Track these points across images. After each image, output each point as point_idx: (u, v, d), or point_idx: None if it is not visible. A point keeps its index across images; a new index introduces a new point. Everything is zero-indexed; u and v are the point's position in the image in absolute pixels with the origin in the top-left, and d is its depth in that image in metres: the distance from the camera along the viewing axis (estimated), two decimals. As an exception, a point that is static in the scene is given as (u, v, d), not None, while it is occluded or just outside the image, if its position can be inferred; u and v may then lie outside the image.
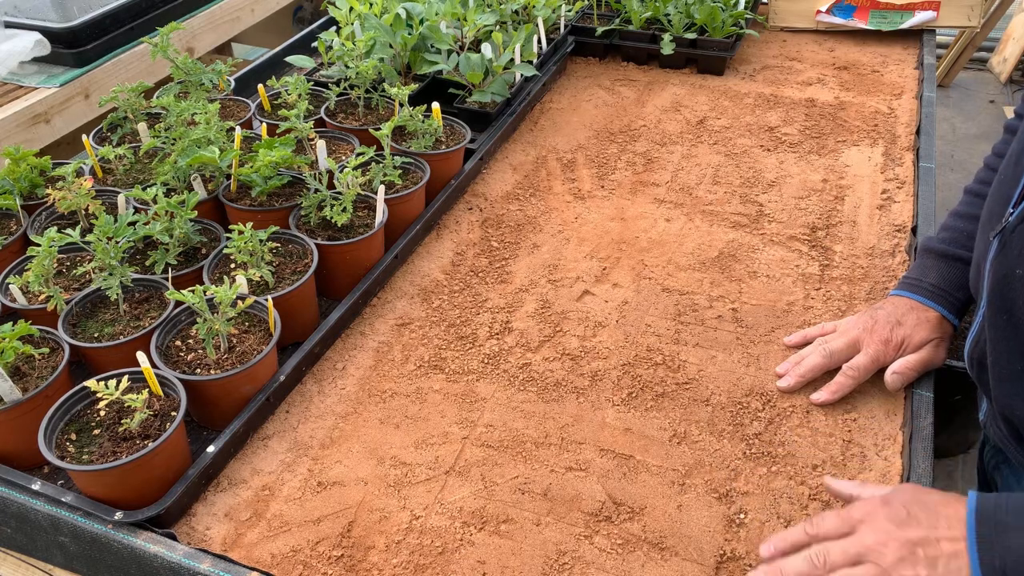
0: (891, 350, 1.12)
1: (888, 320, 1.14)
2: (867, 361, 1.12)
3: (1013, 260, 0.91)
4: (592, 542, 0.95)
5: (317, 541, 0.95)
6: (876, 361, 1.12)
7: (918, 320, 1.13)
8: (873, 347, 1.12)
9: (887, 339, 1.12)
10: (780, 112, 1.80)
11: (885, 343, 1.12)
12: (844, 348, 1.14)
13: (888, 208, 1.48)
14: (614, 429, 1.09)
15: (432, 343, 1.23)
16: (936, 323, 1.13)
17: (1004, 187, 0.98)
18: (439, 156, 1.46)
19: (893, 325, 1.13)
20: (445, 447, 1.07)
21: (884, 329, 1.13)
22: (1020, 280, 0.90)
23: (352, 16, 1.67)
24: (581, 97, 1.89)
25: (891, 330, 1.13)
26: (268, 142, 1.32)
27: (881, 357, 1.12)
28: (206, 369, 1.05)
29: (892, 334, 1.13)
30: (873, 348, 1.12)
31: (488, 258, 1.40)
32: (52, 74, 1.98)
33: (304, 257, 1.23)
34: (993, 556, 0.79)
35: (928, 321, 1.13)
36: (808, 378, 1.14)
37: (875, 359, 1.12)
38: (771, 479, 1.02)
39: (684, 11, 1.95)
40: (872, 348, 1.12)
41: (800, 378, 1.14)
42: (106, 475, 0.92)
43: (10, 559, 1.04)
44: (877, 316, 1.15)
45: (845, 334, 1.15)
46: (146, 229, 1.19)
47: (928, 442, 1.02)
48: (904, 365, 1.11)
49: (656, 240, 1.43)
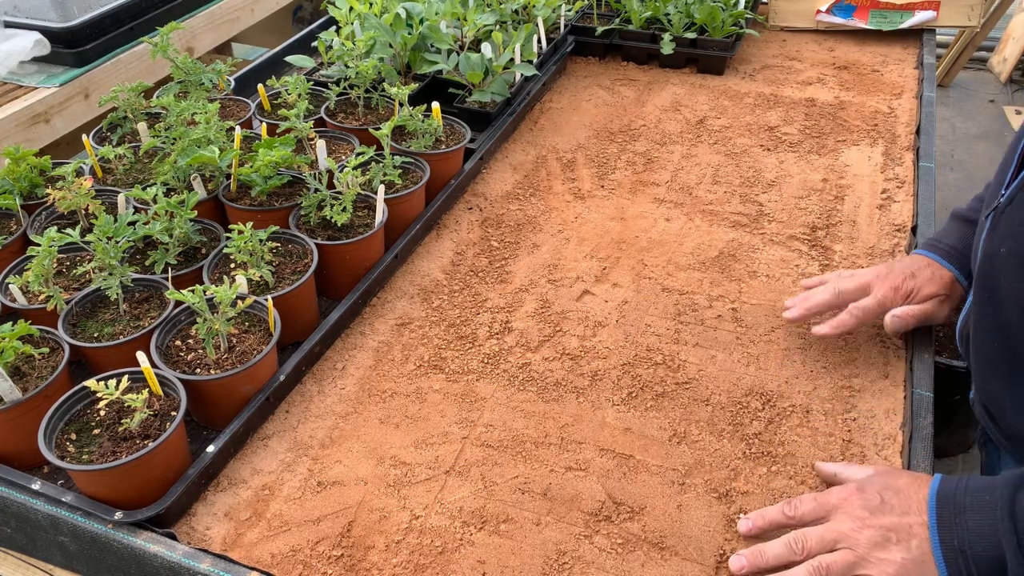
0: (899, 297, 1.15)
1: (903, 271, 1.17)
2: (873, 304, 1.15)
3: (999, 240, 0.95)
4: (592, 542, 0.95)
5: (317, 541, 0.95)
6: (882, 305, 1.15)
7: (931, 276, 1.16)
8: (882, 292, 1.16)
9: (897, 287, 1.16)
10: (780, 112, 1.80)
11: (894, 290, 1.16)
12: (854, 289, 1.17)
13: (888, 208, 1.48)
14: (614, 429, 1.09)
15: (432, 343, 1.23)
16: (947, 282, 1.16)
17: (1002, 171, 1.02)
18: (439, 156, 1.46)
19: (906, 276, 1.17)
20: (445, 447, 1.07)
21: (897, 278, 1.17)
22: (1003, 259, 0.94)
23: (352, 16, 1.67)
24: (581, 97, 1.89)
25: (903, 280, 1.16)
26: (268, 142, 1.32)
27: (887, 302, 1.15)
28: (206, 369, 1.05)
29: (903, 283, 1.16)
30: (882, 293, 1.16)
31: (488, 258, 1.40)
32: (52, 74, 1.98)
33: (304, 257, 1.23)
34: (952, 536, 0.83)
35: (940, 279, 1.16)
36: (814, 312, 1.18)
37: (881, 303, 1.15)
38: (771, 479, 1.02)
39: (684, 11, 1.95)
40: (881, 292, 1.16)
41: (806, 311, 1.18)
42: (106, 475, 0.92)
43: (10, 559, 1.04)
44: (893, 266, 1.19)
45: (858, 277, 1.20)
46: (146, 229, 1.19)
47: (928, 442, 1.02)
48: (906, 311, 1.14)
49: (656, 240, 1.43)
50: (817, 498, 0.92)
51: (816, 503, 0.91)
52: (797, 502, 0.93)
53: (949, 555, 0.82)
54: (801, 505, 0.92)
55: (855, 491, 0.90)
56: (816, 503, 0.91)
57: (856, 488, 0.91)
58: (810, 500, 0.92)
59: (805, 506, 0.92)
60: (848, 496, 0.90)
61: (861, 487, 0.90)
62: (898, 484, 0.89)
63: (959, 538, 0.82)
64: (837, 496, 0.91)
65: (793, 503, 0.93)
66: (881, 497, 0.88)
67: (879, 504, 0.88)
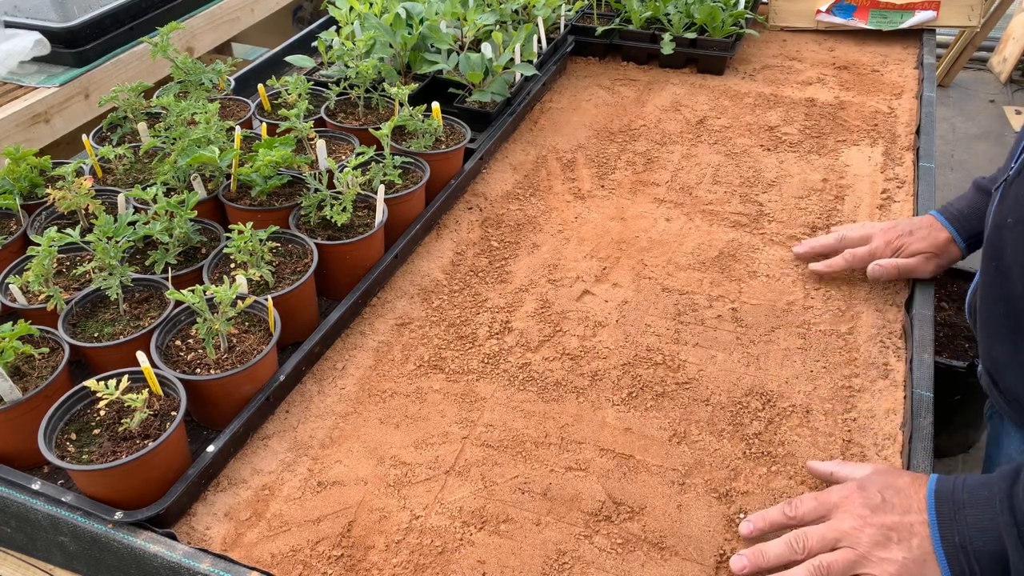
0: (888, 250, 1.26)
1: (903, 228, 1.27)
2: (865, 252, 1.26)
3: (1007, 210, 1.00)
4: (592, 542, 0.95)
5: (317, 541, 0.95)
6: (872, 254, 1.26)
7: (927, 235, 1.24)
8: (876, 243, 1.26)
9: (890, 241, 1.26)
10: (780, 112, 1.80)
11: (887, 244, 1.26)
12: (855, 238, 1.29)
13: (888, 208, 1.48)
14: (614, 429, 1.09)
15: (432, 343, 1.23)
16: (941, 243, 1.23)
17: (1015, 144, 1.08)
18: (439, 156, 1.46)
19: (903, 233, 1.26)
20: (445, 447, 1.07)
21: (893, 233, 1.27)
22: (1010, 229, 0.99)
23: (352, 16, 1.67)
24: (581, 97, 1.89)
25: (898, 236, 1.26)
26: (268, 142, 1.32)
27: (877, 253, 1.26)
28: (206, 369, 1.05)
29: (897, 239, 1.26)
30: (875, 244, 1.26)
31: (488, 258, 1.40)
32: (52, 74, 1.98)
33: (304, 257, 1.23)
34: (953, 533, 0.83)
35: (935, 239, 1.23)
36: (816, 250, 1.32)
37: (872, 252, 1.26)
38: (771, 479, 1.02)
39: (684, 11, 1.95)
40: (875, 244, 1.26)
41: (810, 248, 1.33)
42: (106, 475, 0.92)
43: (10, 559, 1.04)
44: (899, 223, 1.29)
45: (864, 228, 1.31)
46: (146, 229, 1.19)
47: (928, 442, 1.02)
48: (888, 262, 1.24)
49: (656, 240, 1.43)
50: (818, 497, 0.92)
51: (817, 502, 0.91)
52: (798, 502, 0.93)
53: (950, 552, 0.82)
54: (802, 505, 0.92)
55: (856, 489, 0.90)
56: (817, 502, 0.91)
57: (857, 486, 0.91)
58: (811, 499, 0.92)
59: (806, 506, 0.92)
60: (849, 495, 0.90)
61: (862, 485, 0.90)
62: (899, 483, 0.89)
63: (959, 534, 0.83)
64: (838, 495, 0.91)
65: (793, 503, 0.93)
66: (882, 496, 0.88)
67: (880, 503, 0.88)
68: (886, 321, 1.24)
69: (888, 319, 1.24)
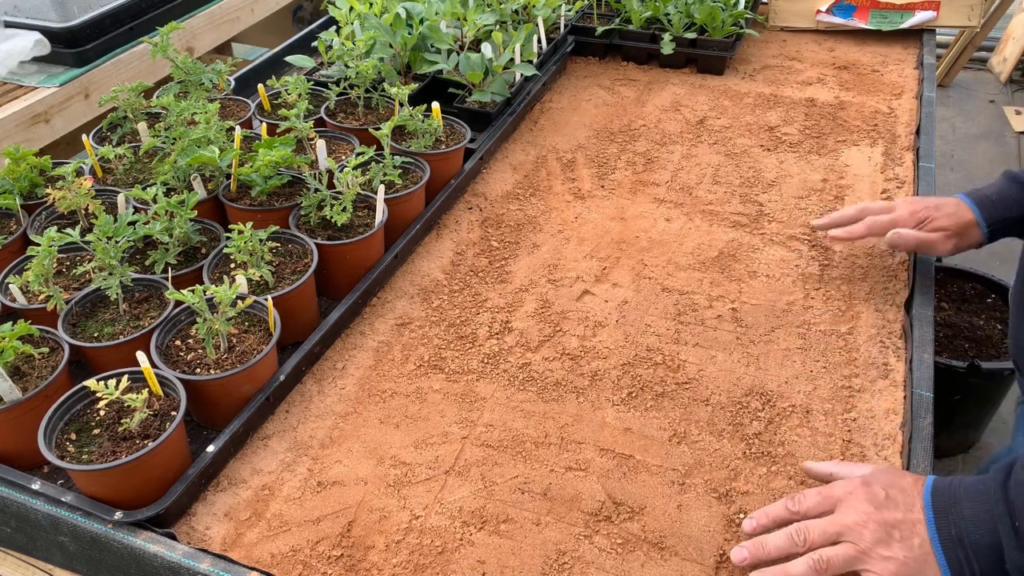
0: (912, 221, 1.23)
1: (929, 203, 1.25)
2: (887, 220, 1.24)
3: None
4: (592, 542, 0.95)
5: (317, 541, 0.95)
6: (893, 223, 1.24)
7: (952, 214, 1.22)
8: (899, 212, 1.24)
9: (915, 211, 1.23)
10: (780, 112, 1.80)
11: (912, 215, 1.23)
12: (878, 209, 1.27)
13: (888, 208, 1.48)
14: (614, 429, 1.09)
15: (432, 343, 1.23)
16: (964, 222, 1.21)
17: None
18: (439, 156, 1.46)
19: (930, 208, 1.24)
20: (445, 447, 1.07)
21: (919, 204, 1.25)
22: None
23: (352, 16, 1.67)
24: (581, 97, 1.89)
25: (924, 209, 1.24)
26: (268, 142, 1.32)
27: (900, 222, 1.23)
28: (206, 369, 1.05)
29: (923, 212, 1.23)
30: (898, 213, 1.24)
31: (488, 258, 1.40)
32: (52, 74, 1.98)
33: (304, 257, 1.23)
34: (949, 526, 0.83)
35: (959, 217, 1.22)
36: (836, 221, 1.30)
37: (894, 221, 1.24)
38: (771, 479, 1.02)
39: (684, 11, 1.95)
40: (898, 212, 1.24)
41: (831, 220, 1.31)
42: (106, 475, 0.92)
43: (10, 559, 1.04)
44: (927, 199, 1.26)
45: (888, 201, 1.30)
46: (146, 229, 1.19)
47: (928, 442, 1.02)
48: (908, 232, 1.22)
49: (656, 240, 1.43)
50: (821, 492, 0.92)
51: (820, 496, 0.91)
52: (801, 497, 0.92)
53: (948, 546, 0.82)
54: (805, 500, 0.92)
55: (861, 485, 0.90)
56: (820, 496, 0.91)
57: (862, 482, 0.90)
58: (814, 495, 0.92)
59: (809, 500, 0.91)
60: (853, 490, 0.90)
61: (867, 481, 0.90)
62: (903, 483, 0.89)
63: (956, 527, 0.83)
64: (842, 489, 0.91)
65: (797, 498, 0.93)
66: (887, 492, 0.88)
67: (885, 499, 0.87)
68: (886, 321, 1.24)
69: (888, 319, 1.24)
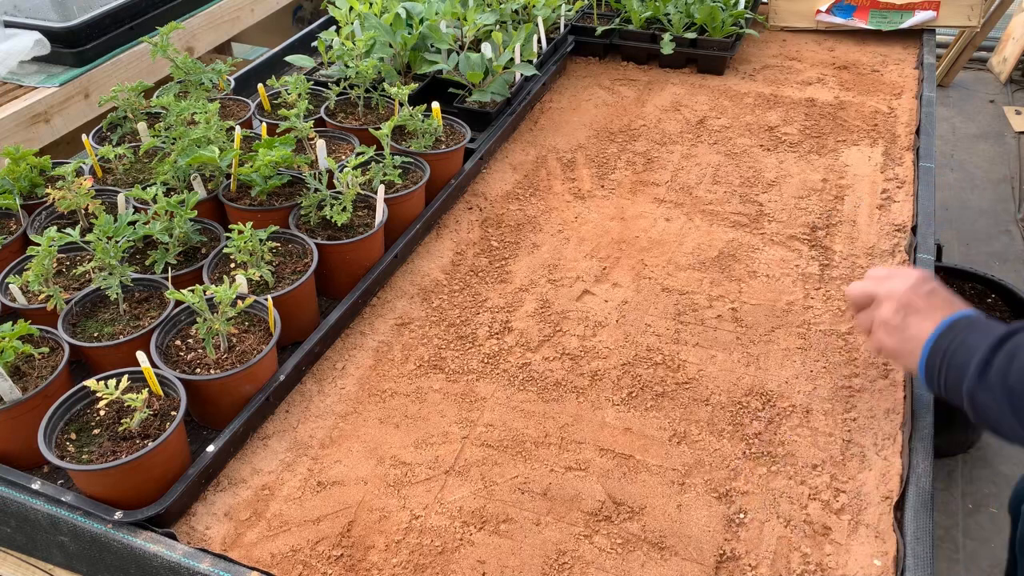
0: None
1: None
2: None
3: None
4: (592, 542, 0.95)
5: (317, 541, 0.95)
6: None
7: None
8: None
9: None
10: (780, 112, 1.80)
11: None
12: None
13: (888, 208, 1.48)
14: (614, 429, 1.09)
15: (432, 343, 1.23)
16: None
17: None
18: (439, 156, 1.46)
19: None
20: (445, 447, 1.07)
21: None
22: None
23: (352, 16, 1.67)
24: (581, 97, 1.89)
25: None
26: (268, 142, 1.32)
27: None
28: (206, 369, 1.05)
29: None
30: None
31: (488, 258, 1.40)
32: (52, 74, 1.98)
33: (304, 257, 1.23)
34: (948, 339, 0.94)
35: None
36: None
37: None
38: (771, 479, 1.02)
39: (684, 11, 1.95)
40: None
41: None
42: (106, 475, 0.92)
43: (10, 559, 1.04)
44: None
45: None
46: (146, 229, 1.19)
47: (928, 442, 1.02)
48: None
49: (656, 240, 1.43)
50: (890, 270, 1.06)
51: (888, 270, 1.06)
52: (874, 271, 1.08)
53: (934, 349, 0.94)
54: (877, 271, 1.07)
55: (920, 274, 1.02)
56: (888, 270, 1.06)
57: (922, 275, 1.02)
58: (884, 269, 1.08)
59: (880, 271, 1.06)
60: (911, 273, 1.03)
61: (927, 277, 1.02)
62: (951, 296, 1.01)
63: (952, 341, 0.93)
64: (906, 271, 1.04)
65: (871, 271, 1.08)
66: (932, 287, 1.01)
67: (928, 292, 1.00)
68: (886, 321, 1.23)
69: (888, 319, 1.24)
